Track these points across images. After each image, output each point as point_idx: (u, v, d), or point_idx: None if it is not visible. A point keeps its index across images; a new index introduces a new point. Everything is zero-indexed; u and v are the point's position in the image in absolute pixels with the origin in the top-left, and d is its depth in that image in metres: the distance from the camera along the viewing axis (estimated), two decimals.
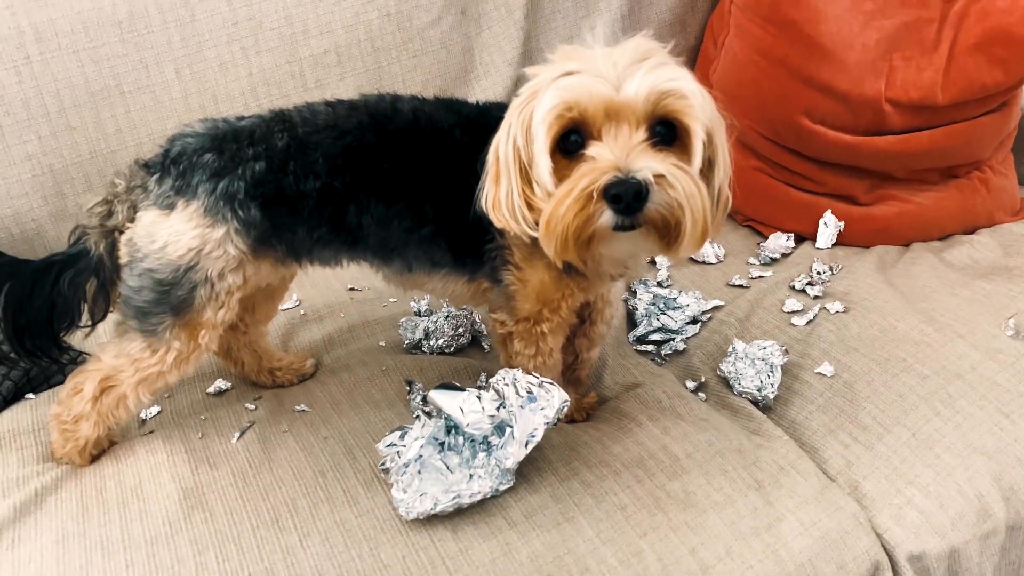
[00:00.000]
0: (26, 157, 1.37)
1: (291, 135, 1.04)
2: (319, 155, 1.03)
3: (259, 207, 1.03)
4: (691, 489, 1.09)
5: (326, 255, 1.11)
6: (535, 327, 1.12)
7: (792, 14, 1.50)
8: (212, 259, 1.03)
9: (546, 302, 1.10)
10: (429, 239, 1.08)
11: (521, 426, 1.02)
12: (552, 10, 1.69)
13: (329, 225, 1.06)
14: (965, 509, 1.12)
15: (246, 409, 1.24)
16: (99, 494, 1.09)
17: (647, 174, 0.87)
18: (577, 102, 0.89)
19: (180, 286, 1.03)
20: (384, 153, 1.05)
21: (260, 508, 1.06)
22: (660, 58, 0.91)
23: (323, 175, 1.03)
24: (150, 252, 1.02)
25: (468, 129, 1.06)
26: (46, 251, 1.41)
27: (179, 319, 1.05)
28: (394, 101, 1.09)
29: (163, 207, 1.03)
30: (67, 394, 1.12)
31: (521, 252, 1.06)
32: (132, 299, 1.05)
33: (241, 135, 1.04)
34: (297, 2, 1.49)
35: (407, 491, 1.01)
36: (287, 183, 1.03)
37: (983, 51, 1.50)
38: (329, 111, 1.07)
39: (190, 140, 1.05)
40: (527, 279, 1.08)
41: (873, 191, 1.63)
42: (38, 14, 1.34)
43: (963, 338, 1.32)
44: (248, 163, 1.02)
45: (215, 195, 1.01)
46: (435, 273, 1.12)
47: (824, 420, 1.23)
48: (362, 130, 1.05)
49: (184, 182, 1.02)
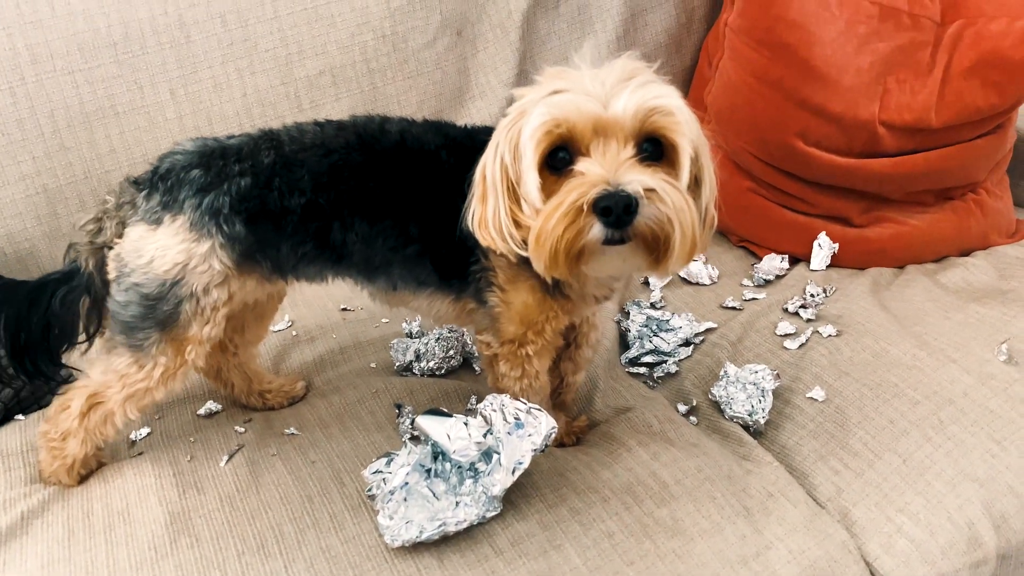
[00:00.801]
0: (20, 177, 1.38)
1: (278, 152, 1.05)
2: (305, 172, 1.04)
3: (244, 222, 1.03)
4: (679, 516, 1.08)
5: (311, 272, 1.11)
6: (520, 349, 1.12)
7: (786, 37, 1.50)
8: (197, 274, 1.03)
9: (530, 324, 1.10)
10: (414, 258, 1.08)
11: (508, 453, 1.02)
12: (547, 32, 1.70)
13: (314, 242, 1.06)
14: (955, 538, 1.12)
15: (235, 432, 1.24)
16: (86, 517, 1.09)
17: (637, 187, 0.87)
18: (566, 119, 0.90)
19: (166, 300, 1.03)
20: (370, 172, 1.06)
21: (246, 533, 1.06)
22: (647, 76, 0.92)
23: (308, 192, 1.04)
24: (137, 267, 1.03)
25: (454, 151, 1.06)
26: (40, 271, 1.42)
27: (166, 334, 1.05)
28: (383, 122, 1.10)
29: (150, 222, 1.04)
30: (55, 411, 1.12)
31: (505, 274, 1.07)
32: (119, 314, 1.05)
33: (229, 152, 1.05)
34: (292, 23, 1.50)
35: (393, 518, 1.01)
36: (272, 199, 1.03)
37: (978, 74, 1.50)
38: (317, 130, 1.08)
39: (179, 157, 1.06)
40: (511, 301, 1.08)
41: (868, 213, 1.63)
42: (33, 36, 1.35)
43: (955, 363, 1.32)
44: (234, 179, 1.03)
45: (200, 210, 1.02)
46: (420, 292, 1.13)
47: (815, 445, 1.23)
48: (348, 149, 1.06)
49: (171, 197, 1.03)
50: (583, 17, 1.70)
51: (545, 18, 1.69)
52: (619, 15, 1.71)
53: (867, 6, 1.53)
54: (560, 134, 0.91)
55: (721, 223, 1.70)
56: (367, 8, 1.54)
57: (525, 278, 1.06)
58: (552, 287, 1.07)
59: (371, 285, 1.14)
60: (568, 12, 1.70)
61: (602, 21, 1.71)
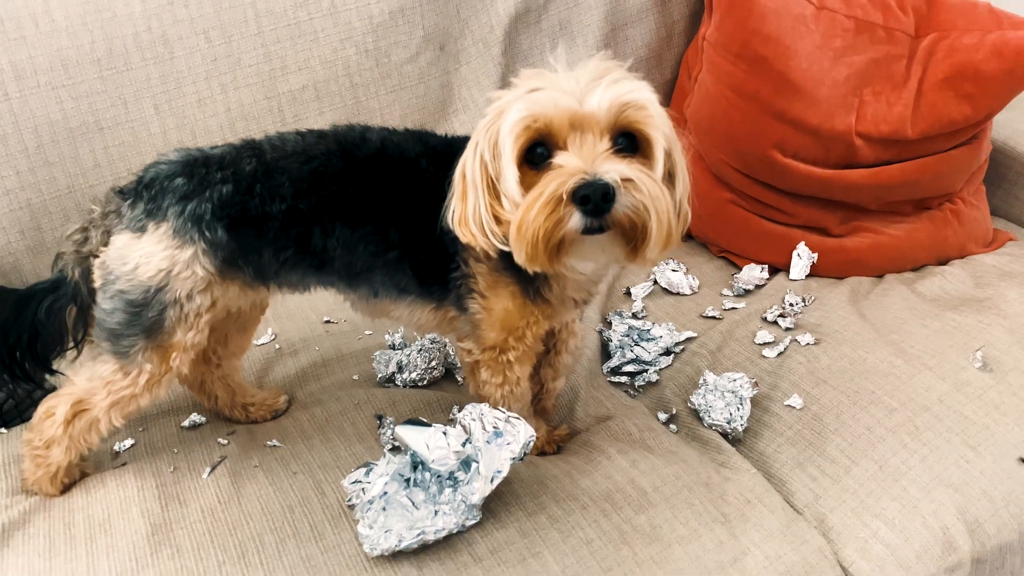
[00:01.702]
0: (4, 192, 1.39)
1: (259, 160, 1.07)
2: (285, 179, 1.06)
3: (225, 228, 1.05)
4: (657, 523, 1.09)
5: (293, 278, 1.13)
6: (501, 356, 1.13)
7: (763, 51, 1.52)
8: (181, 280, 1.05)
9: (511, 330, 1.11)
10: (394, 264, 1.10)
11: (487, 462, 1.03)
12: (529, 46, 1.72)
13: (295, 247, 1.08)
14: (930, 542, 1.13)
15: (219, 444, 1.25)
16: (67, 529, 1.10)
17: (614, 176, 0.90)
18: (543, 114, 0.92)
19: (151, 307, 1.05)
20: (350, 178, 1.08)
21: (227, 544, 1.06)
22: (619, 74, 0.95)
23: (289, 198, 1.06)
24: (122, 274, 1.05)
25: (434, 159, 1.09)
26: (23, 284, 1.42)
27: (151, 341, 1.07)
28: (364, 131, 1.12)
29: (135, 230, 1.05)
30: (39, 419, 1.13)
31: (486, 280, 1.09)
32: (105, 321, 1.07)
33: (211, 161, 1.07)
34: (276, 39, 1.52)
35: (372, 527, 1.02)
36: (253, 205, 1.05)
37: (951, 87, 1.53)
38: (298, 139, 1.10)
39: (163, 167, 1.08)
40: (492, 307, 1.10)
41: (846, 223, 1.65)
42: (17, 52, 1.36)
43: (931, 370, 1.34)
44: (216, 186, 1.05)
45: (183, 217, 1.04)
46: (401, 300, 1.14)
47: (793, 453, 1.24)
48: (329, 156, 1.08)
49: (155, 205, 1.05)
50: (564, 32, 1.73)
51: (527, 33, 1.71)
52: (600, 30, 1.74)
53: (843, 20, 1.56)
54: (538, 129, 0.93)
55: (702, 233, 1.75)
56: (350, 23, 1.56)
57: (506, 283, 1.08)
58: (532, 292, 1.09)
59: (352, 292, 1.15)
60: (549, 27, 1.72)
61: (583, 36, 1.73)
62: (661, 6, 1.78)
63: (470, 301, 1.11)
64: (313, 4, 1.53)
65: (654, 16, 1.78)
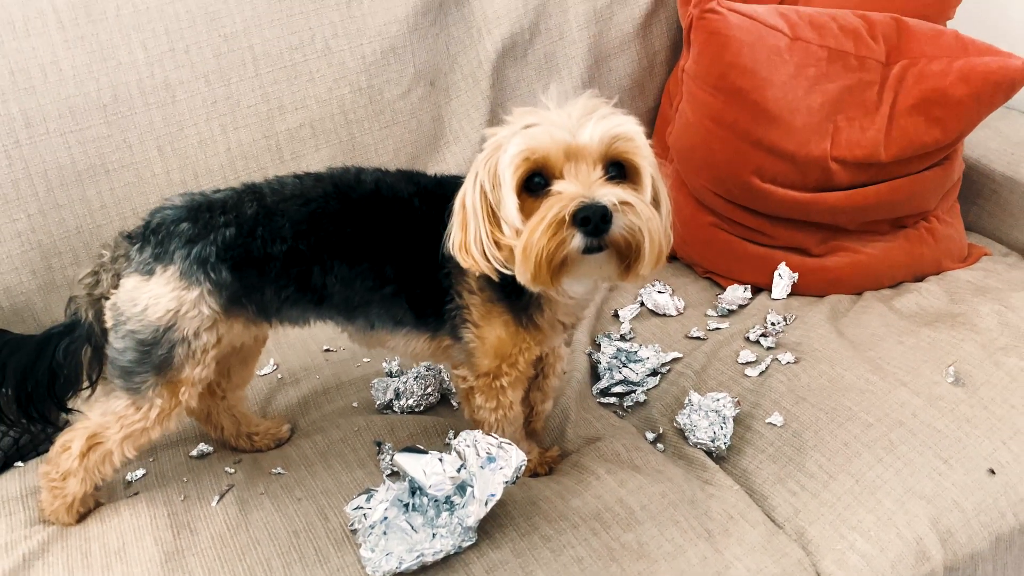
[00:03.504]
0: (16, 235, 1.45)
1: (260, 203, 1.13)
2: (286, 221, 1.12)
3: (229, 269, 1.11)
4: (644, 540, 1.15)
5: (294, 314, 1.19)
6: (495, 381, 1.19)
7: (739, 82, 1.59)
8: (188, 319, 1.10)
9: (504, 357, 1.18)
10: (390, 298, 1.16)
11: (481, 486, 1.09)
12: (516, 79, 1.78)
13: (296, 285, 1.14)
14: (904, 552, 1.19)
15: (226, 472, 1.30)
16: (84, 557, 1.15)
17: (612, 199, 0.98)
18: (540, 146, 1.01)
19: (160, 345, 1.11)
20: (347, 218, 1.14)
21: (237, 569, 1.12)
22: (607, 110, 1.04)
23: (289, 239, 1.12)
24: (132, 315, 1.11)
25: (426, 198, 1.16)
26: (35, 322, 1.49)
27: (161, 377, 1.13)
28: (358, 173, 1.19)
29: (144, 273, 1.11)
30: (56, 452, 1.19)
31: (479, 310, 1.15)
32: (117, 360, 1.13)
33: (215, 206, 1.13)
34: (273, 80, 1.58)
35: (374, 551, 1.07)
36: (255, 246, 1.11)
37: (921, 111, 1.59)
38: (296, 182, 1.17)
39: (169, 212, 1.14)
40: (485, 336, 1.16)
41: (825, 243, 1.71)
42: (27, 101, 1.43)
43: (906, 385, 1.40)
44: (220, 229, 1.11)
45: (189, 259, 1.10)
46: (398, 331, 1.20)
47: (774, 469, 1.30)
48: (326, 198, 1.14)
49: (162, 249, 1.11)
50: (550, 65, 1.79)
51: (514, 67, 1.78)
52: (584, 62, 1.80)
53: (816, 49, 1.62)
54: (536, 160, 1.01)
55: (687, 256, 1.81)
56: (344, 63, 1.62)
57: (498, 313, 1.15)
58: (524, 319, 1.16)
59: (350, 325, 1.21)
60: (535, 60, 1.79)
61: (568, 68, 1.80)
62: (643, 38, 1.85)
63: (464, 331, 1.17)
64: (308, 46, 1.60)
65: (636, 47, 1.84)
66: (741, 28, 1.59)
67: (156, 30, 1.50)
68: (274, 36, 1.57)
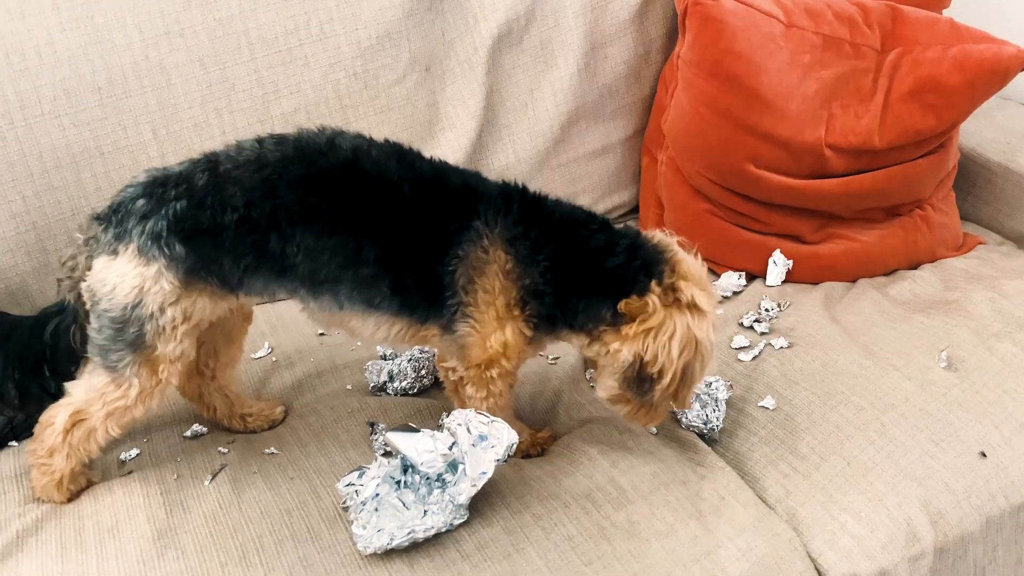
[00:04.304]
0: (11, 216, 1.45)
1: (212, 173, 1.12)
2: (236, 189, 1.10)
3: (181, 242, 1.10)
4: (635, 519, 1.16)
5: (258, 285, 1.16)
6: (486, 372, 1.19)
7: (734, 69, 1.59)
8: (152, 295, 1.11)
9: (501, 355, 1.17)
10: (369, 280, 1.14)
11: (472, 464, 1.09)
12: (512, 65, 1.78)
13: (254, 253, 1.12)
14: (894, 533, 1.20)
15: (219, 452, 1.31)
16: (77, 534, 1.16)
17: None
18: None
19: (131, 323, 1.11)
20: (313, 186, 1.12)
21: (229, 546, 1.13)
22: None
23: (240, 207, 1.10)
24: (104, 295, 1.12)
25: (419, 187, 1.15)
26: (30, 303, 1.49)
27: (137, 355, 1.13)
28: (333, 137, 1.16)
29: (109, 253, 1.12)
30: (40, 428, 1.20)
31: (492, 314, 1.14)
32: (95, 338, 1.14)
33: (169, 179, 1.13)
34: (268, 65, 1.58)
35: (366, 527, 1.08)
36: (204, 216, 1.10)
37: (916, 99, 1.59)
38: (256, 146, 1.15)
39: (130, 190, 1.14)
40: (488, 335, 1.16)
41: (819, 231, 1.71)
42: (22, 83, 1.43)
43: (898, 370, 1.40)
44: (170, 203, 1.10)
45: (144, 235, 1.10)
46: (370, 314, 1.17)
47: (766, 451, 1.31)
48: (285, 162, 1.12)
49: (122, 228, 1.11)
50: (545, 52, 1.79)
51: (509, 53, 1.78)
52: (580, 48, 1.80)
53: (811, 36, 1.63)
54: None
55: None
56: (339, 48, 1.63)
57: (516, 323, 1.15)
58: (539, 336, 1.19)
59: (314, 301, 1.17)
60: (531, 47, 1.79)
61: (564, 55, 1.80)
62: (639, 25, 1.85)
63: (462, 325, 1.16)
64: (303, 30, 1.60)
65: (632, 34, 1.85)
66: (736, 15, 1.60)
67: (151, 13, 1.50)
68: (269, 20, 1.57)
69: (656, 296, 1.12)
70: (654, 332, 1.11)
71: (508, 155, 1.80)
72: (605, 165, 1.90)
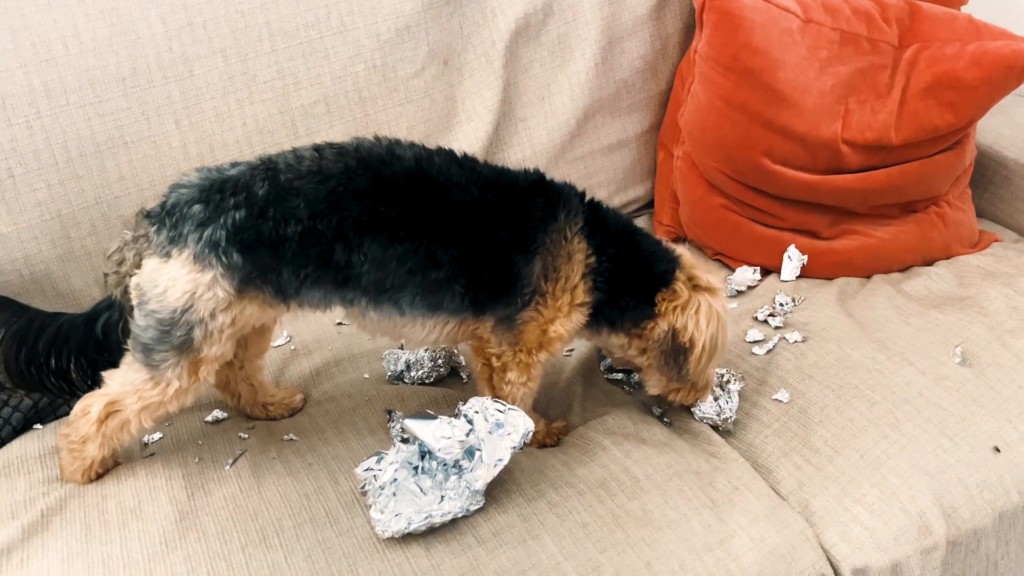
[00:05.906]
0: (36, 204, 1.48)
1: (272, 182, 1.11)
2: (300, 200, 1.11)
3: (239, 251, 1.10)
4: (649, 508, 1.17)
5: (315, 296, 1.16)
6: (535, 355, 1.23)
7: (751, 63, 1.60)
8: (204, 301, 1.11)
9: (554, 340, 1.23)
10: (441, 282, 1.15)
11: (489, 451, 1.11)
12: (529, 59, 1.79)
13: (316, 263, 1.13)
14: (907, 525, 1.20)
15: (239, 438, 1.33)
16: (101, 515, 1.18)
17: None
18: None
19: (179, 326, 1.12)
20: (379, 196, 1.13)
21: (249, 528, 1.15)
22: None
23: (305, 219, 1.10)
24: (153, 295, 1.12)
25: (487, 188, 1.18)
26: (54, 291, 1.52)
27: (181, 357, 1.14)
28: (391, 147, 1.18)
29: (161, 255, 1.12)
30: (75, 416, 1.21)
31: (561, 301, 1.21)
32: (139, 336, 1.15)
33: (227, 185, 1.12)
34: (289, 56, 1.60)
35: (383, 512, 1.09)
36: (266, 228, 1.10)
37: (933, 95, 1.60)
38: (315, 156, 1.15)
39: (183, 191, 1.14)
40: (551, 321, 1.21)
41: (834, 226, 1.72)
42: (48, 73, 1.45)
43: (913, 365, 1.41)
44: (229, 212, 1.10)
45: (201, 243, 1.10)
46: (428, 317, 1.19)
47: (779, 443, 1.32)
48: (349, 174, 1.13)
49: (176, 232, 1.12)
50: (563, 45, 1.80)
51: (527, 47, 1.79)
52: (597, 43, 1.81)
53: (828, 32, 1.63)
54: None
55: (696, 237, 1.83)
56: (359, 41, 1.64)
57: (582, 313, 1.23)
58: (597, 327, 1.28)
59: (375, 310, 1.18)
60: (548, 41, 1.80)
61: (581, 49, 1.81)
62: (656, 20, 1.86)
63: (528, 312, 1.20)
64: (324, 23, 1.61)
65: (649, 29, 1.85)
66: (754, 9, 1.60)
67: (174, 4, 1.52)
68: (290, 12, 1.59)
69: (681, 283, 1.26)
70: (682, 307, 1.25)
71: (524, 148, 1.81)
72: (621, 159, 1.91)
